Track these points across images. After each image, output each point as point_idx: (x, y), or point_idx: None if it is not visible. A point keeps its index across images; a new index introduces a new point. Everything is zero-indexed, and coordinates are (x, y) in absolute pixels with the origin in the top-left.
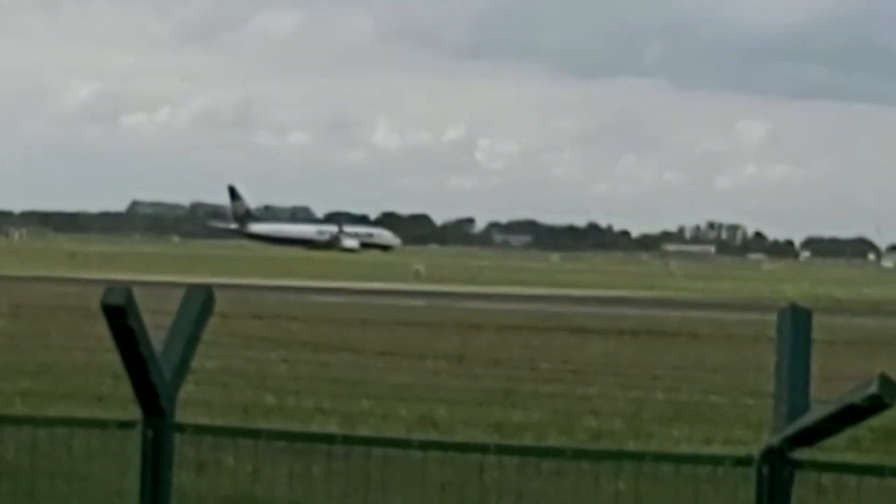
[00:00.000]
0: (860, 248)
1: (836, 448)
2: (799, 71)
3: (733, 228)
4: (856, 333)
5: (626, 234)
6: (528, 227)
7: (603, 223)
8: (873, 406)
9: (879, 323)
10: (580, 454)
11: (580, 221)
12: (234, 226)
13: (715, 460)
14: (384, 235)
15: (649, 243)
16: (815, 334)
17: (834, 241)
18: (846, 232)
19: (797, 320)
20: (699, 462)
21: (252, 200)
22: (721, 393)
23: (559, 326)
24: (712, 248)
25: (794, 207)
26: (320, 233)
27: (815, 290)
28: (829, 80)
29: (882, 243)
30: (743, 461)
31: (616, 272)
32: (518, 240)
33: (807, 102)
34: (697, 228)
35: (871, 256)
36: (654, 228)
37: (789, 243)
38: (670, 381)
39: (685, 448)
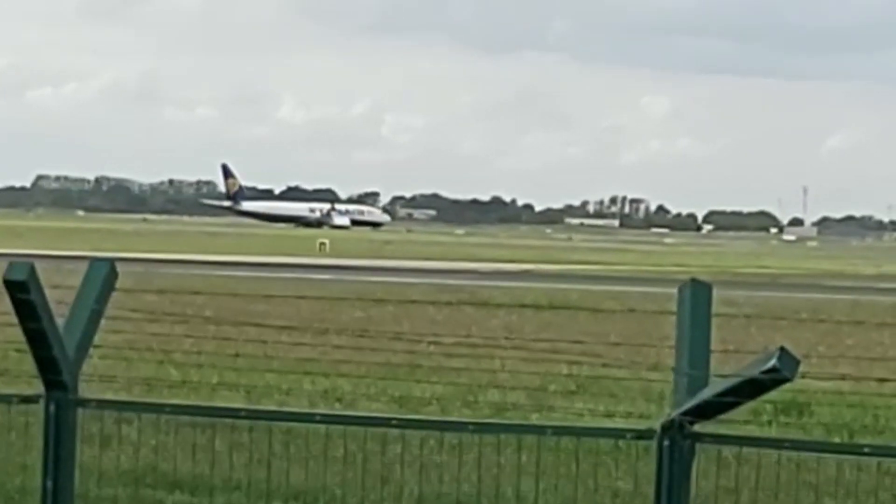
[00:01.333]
0: (762, 221)
1: (736, 421)
2: (702, 46)
3: (636, 202)
4: (757, 307)
5: (529, 207)
6: (433, 200)
7: (507, 197)
8: (773, 380)
9: (780, 296)
10: (482, 428)
11: (484, 195)
12: (226, 203)
13: (616, 433)
14: (374, 213)
15: (553, 217)
16: (716, 308)
17: (736, 215)
18: (748, 206)
19: (697, 294)
20: (600, 435)
21: (156, 175)
22: (623, 367)
23: (463, 300)
24: (616, 222)
25: (696, 181)
26: (311, 210)
27: (716, 264)
28: (731, 55)
29: (784, 217)
30: (644, 434)
31: (520, 246)
32: (422, 213)
33: (710, 77)
34: (601, 202)
35: (774, 230)
36: (557, 202)
37: (692, 217)
38: (573, 355)
39: (587, 421)
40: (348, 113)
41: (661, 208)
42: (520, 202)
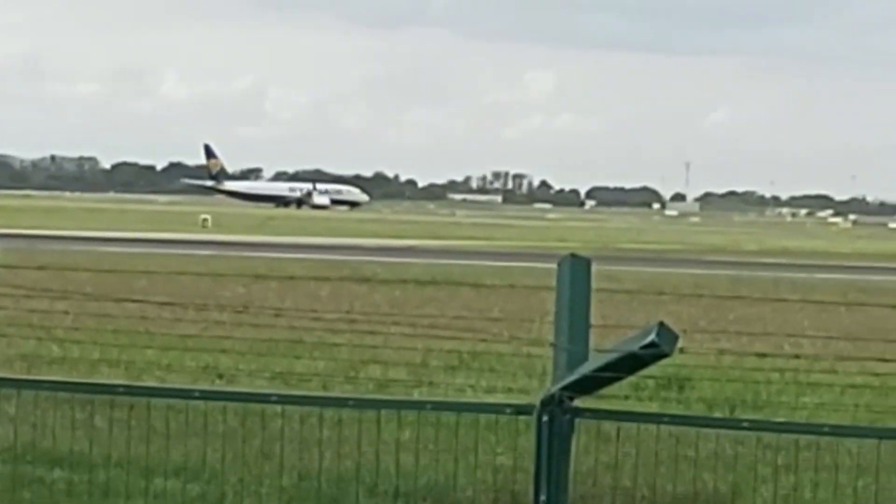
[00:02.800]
0: (645, 197)
1: (617, 396)
2: (588, 21)
3: (519, 178)
4: (638, 282)
5: (412, 183)
6: (316, 176)
7: (390, 173)
8: (652, 355)
9: (662, 271)
10: (362, 403)
11: (367, 171)
12: (209, 183)
13: (495, 408)
14: (353, 192)
15: (436, 193)
16: (597, 283)
17: (619, 191)
18: (632, 182)
19: (576, 269)
20: (480, 411)
21: (37, 151)
22: (504, 342)
23: (345, 276)
24: (498, 198)
25: (580, 157)
26: (292, 189)
27: (598, 239)
28: (619, 31)
29: (667, 192)
30: (523, 410)
31: (403, 221)
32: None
33: (596, 53)
34: (484, 178)
35: (656, 205)
36: (440, 178)
37: (575, 193)
38: (454, 331)
39: (468, 397)
40: (232, 88)
41: (544, 184)
42: (403, 178)
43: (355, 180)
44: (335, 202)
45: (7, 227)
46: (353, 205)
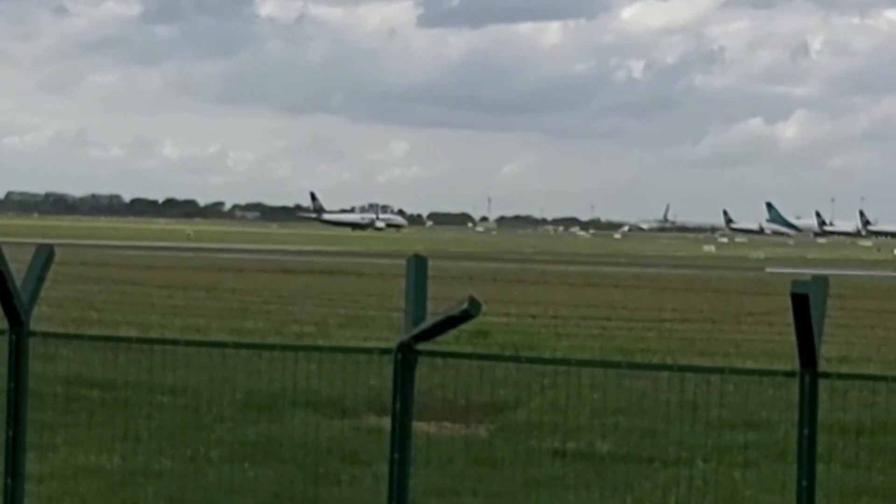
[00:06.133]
0: (464, 218)
1: (446, 342)
2: (428, 109)
3: (385, 207)
4: (460, 272)
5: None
6: (258, 207)
7: (305, 204)
8: (465, 317)
9: (475, 264)
10: (285, 347)
11: (291, 203)
12: (313, 215)
13: (368, 351)
14: (398, 219)
15: (304, 217)
16: (432, 273)
17: (447, 215)
18: (455, 208)
19: (419, 264)
20: (359, 351)
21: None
22: (377, 309)
23: (276, 268)
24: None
25: (423, 194)
26: (362, 218)
27: (433, 245)
28: (447, 116)
29: (476, 215)
30: (386, 351)
31: (312, 235)
32: (251, 215)
33: (433, 130)
34: (363, 207)
35: (470, 224)
36: (336, 208)
37: (419, 216)
38: (346, 302)
39: (353, 343)
40: (207, 152)
41: (400, 211)
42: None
43: (283, 209)
44: (388, 225)
45: (63, 237)
46: (399, 227)
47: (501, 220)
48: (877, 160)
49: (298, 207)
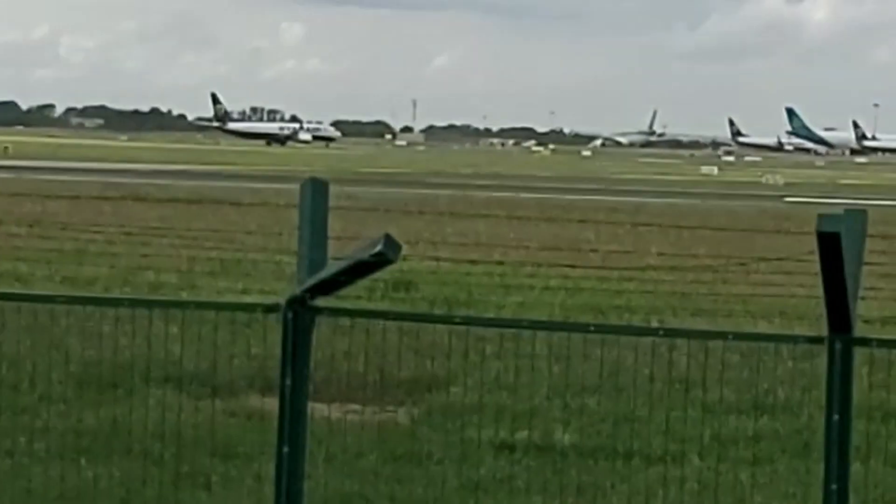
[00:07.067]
0: (379, 129)
1: (353, 296)
2: None
3: (273, 112)
4: (372, 201)
5: (183, 117)
6: (101, 111)
7: (164, 108)
8: (379, 262)
9: (392, 191)
10: (136, 303)
11: (145, 107)
12: (216, 123)
13: (248, 307)
14: (328, 130)
15: (203, 126)
16: (336, 202)
17: (357, 124)
18: (367, 116)
19: (316, 191)
20: (235, 309)
21: None
22: (261, 251)
23: (124, 196)
24: None
25: (324, 95)
26: (281, 129)
27: (338, 165)
28: None
29: (397, 125)
30: (271, 308)
31: (174, 150)
32: (92, 122)
33: (338, 8)
34: (243, 112)
35: (388, 136)
36: (207, 112)
37: (319, 124)
38: (216, 241)
39: (228, 298)
40: (30, 35)
41: (294, 118)
42: (175, 112)
43: (134, 115)
44: (315, 137)
45: None
46: (329, 139)
47: (430, 131)
48: None
49: (155, 112)
